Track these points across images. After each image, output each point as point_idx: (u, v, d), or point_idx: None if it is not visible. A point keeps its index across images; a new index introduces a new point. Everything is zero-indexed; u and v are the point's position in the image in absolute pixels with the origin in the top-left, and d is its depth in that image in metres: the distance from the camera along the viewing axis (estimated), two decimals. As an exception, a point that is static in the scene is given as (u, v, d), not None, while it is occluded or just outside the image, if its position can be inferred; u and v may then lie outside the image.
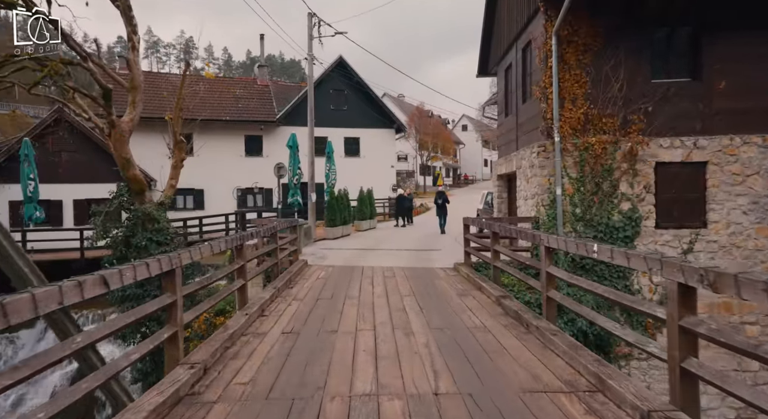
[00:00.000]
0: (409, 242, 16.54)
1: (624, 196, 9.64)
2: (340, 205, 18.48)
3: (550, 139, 9.83)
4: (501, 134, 14.29)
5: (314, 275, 9.86)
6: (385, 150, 29.50)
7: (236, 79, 29.10)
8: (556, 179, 9.62)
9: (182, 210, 25.35)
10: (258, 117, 26.43)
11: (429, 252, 13.80)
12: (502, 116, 14.19)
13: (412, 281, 9.01)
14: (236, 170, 26.21)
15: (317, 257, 12.86)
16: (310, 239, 16.57)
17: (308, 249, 14.71)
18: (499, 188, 14.46)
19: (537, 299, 8.95)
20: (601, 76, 9.68)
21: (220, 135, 26.08)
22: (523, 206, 11.26)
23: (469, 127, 72.26)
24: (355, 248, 14.91)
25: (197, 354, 4.39)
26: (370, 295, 7.75)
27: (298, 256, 11.34)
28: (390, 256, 13.09)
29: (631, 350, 9.24)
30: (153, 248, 12.30)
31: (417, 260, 12.15)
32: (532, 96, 11.05)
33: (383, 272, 10.03)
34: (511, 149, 12.83)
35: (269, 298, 7.18)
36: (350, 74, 28.11)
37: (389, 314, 6.49)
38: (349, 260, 12.41)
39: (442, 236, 18.89)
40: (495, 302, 6.91)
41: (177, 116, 12.83)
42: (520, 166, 11.58)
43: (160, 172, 24.60)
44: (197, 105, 25.95)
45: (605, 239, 9.50)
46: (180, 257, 4.30)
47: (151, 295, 12.17)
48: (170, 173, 13.44)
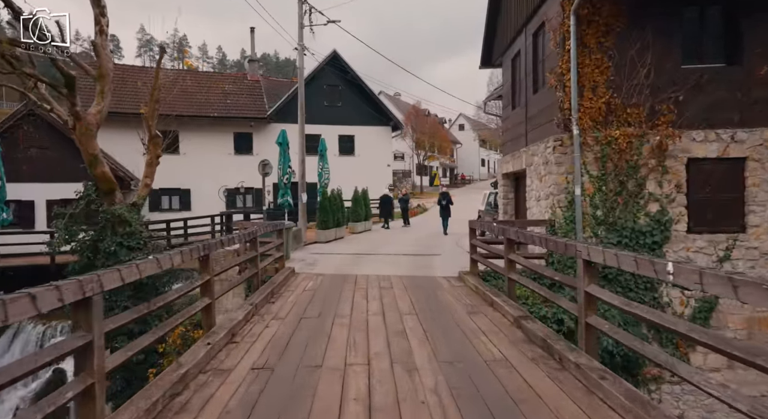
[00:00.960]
0: (407, 246, 15.39)
1: (652, 196, 8.53)
2: (333, 206, 17.31)
3: (568, 132, 8.71)
4: (507, 128, 13.17)
5: (301, 286, 8.69)
6: (381, 148, 28.34)
7: (225, 75, 27.92)
8: (575, 177, 8.50)
9: (168, 211, 24.13)
10: (248, 113, 25.22)
11: (429, 258, 12.66)
12: (508, 110, 13.07)
13: (413, 293, 7.86)
14: (225, 169, 24.97)
15: (307, 264, 11.69)
16: (301, 243, 15.40)
17: (298, 254, 13.54)
18: (504, 188, 13.33)
19: (556, 314, 7.85)
20: (625, 60, 8.57)
21: (208, 132, 24.85)
22: (535, 207, 10.14)
23: (467, 126, 71.29)
24: (349, 253, 13.75)
25: (126, 413, 3.22)
26: (363, 312, 6.59)
27: (284, 263, 10.18)
28: (387, 262, 11.94)
29: (661, 371, 8.13)
30: (123, 254, 11.09)
31: (416, 267, 11.01)
32: (545, 85, 9.93)
33: (379, 283, 8.88)
34: (519, 145, 11.71)
35: (243, 318, 6.01)
36: (345, 69, 26.94)
37: (386, 339, 5.33)
38: (341, 267, 11.25)
39: (442, 239, 17.76)
40: (513, 324, 5.77)
41: (152, 108, 11.61)
42: (530, 163, 10.45)
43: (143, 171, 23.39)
44: (183, 101, 24.76)
45: (630, 245, 8.39)
46: (100, 279, 3.13)
47: (121, 307, 10.99)
48: (144, 171, 12.24)
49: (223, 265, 6.62)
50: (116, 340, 11.01)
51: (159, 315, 11.76)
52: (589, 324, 4.28)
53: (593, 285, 4.33)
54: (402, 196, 24.22)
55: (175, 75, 26.16)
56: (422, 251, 14.19)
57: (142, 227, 11.50)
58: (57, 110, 10.77)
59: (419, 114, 53.59)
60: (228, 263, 6.64)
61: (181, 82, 25.56)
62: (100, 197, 11.16)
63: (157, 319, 11.37)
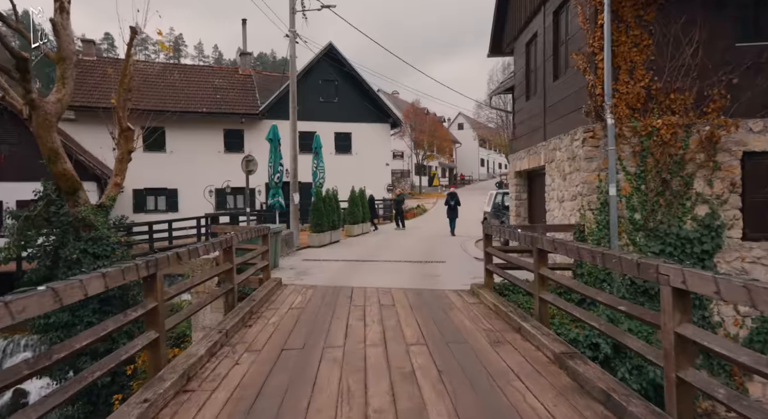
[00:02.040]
0: (407, 251, 14.09)
1: (700, 197, 7.26)
2: (328, 207, 16.00)
3: (600, 121, 7.43)
4: (520, 122, 11.88)
5: (287, 303, 7.38)
6: (380, 147, 27.05)
7: (216, 68, 26.58)
8: (610, 174, 7.22)
9: (153, 212, 22.80)
10: (239, 109, 23.89)
11: (433, 265, 11.35)
12: (521, 101, 11.79)
13: (419, 313, 6.57)
14: (214, 168, 23.66)
15: (297, 273, 10.37)
16: (292, 248, 14.08)
17: (288, 261, 12.22)
18: (517, 188, 12.05)
19: (589, 337, 6.57)
20: (668, 37, 7.30)
21: (197, 129, 23.52)
22: (556, 209, 8.85)
23: (466, 125, 70.05)
24: (345, 260, 12.44)
25: None
26: (360, 342, 5.29)
27: (270, 273, 8.87)
28: (386, 271, 10.64)
29: (713, 405, 6.85)
30: (88, 262, 9.78)
31: (420, 277, 9.71)
32: (568, 69, 8.66)
33: (379, 298, 7.58)
34: (535, 139, 10.43)
35: (207, 351, 4.70)
36: (341, 63, 25.64)
37: (390, 386, 4.03)
38: (335, 277, 9.94)
39: (445, 243, 16.48)
40: (554, 363, 4.47)
41: (121, 96, 10.28)
42: (551, 159, 9.17)
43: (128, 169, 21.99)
44: (170, 95, 23.44)
45: (675, 254, 7.11)
46: None
47: (84, 322, 9.67)
48: (115, 168, 10.92)
49: (184, 285, 5.29)
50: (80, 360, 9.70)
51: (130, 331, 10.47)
52: (682, 380, 2.99)
53: (688, 325, 3.04)
54: (396, 196, 22.85)
55: (162, 68, 24.86)
56: (425, 257, 12.89)
57: (111, 231, 10.16)
58: (11, 98, 9.43)
59: (418, 112, 52.32)
60: (185, 285, 5.28)
61: (168, 76, 24.29)
62: (61, 197, 9.83)
63: (126, 336, 10.07)
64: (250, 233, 8.00)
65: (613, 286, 7.12)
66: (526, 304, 7.65)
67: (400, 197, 22.49)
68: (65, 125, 21.63)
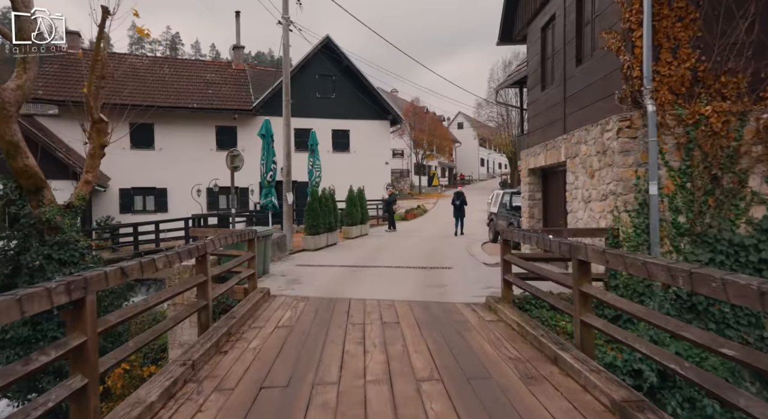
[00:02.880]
0: (409, 255, 13.04)
1: (756, 196, 6.23)
2: (325, 207, 14.95)
3: (638, 109, 6.39)
4: (534, 115, 10.85)
5: (274, 320, 6.32)
6: (379, 145, 26.00)
7: (208, 62, 25.46)
8: (650, 170, 6.19)
9: (141, 213, 21.71)
10: (231, 105, 22.81)
11: (439, 272, 10.31)
12: (535, 92, 10.75)
13: (429, 334, 5.52)
14: (206, 166, 22.56)
15: (288, 281, 9.31)
16: (285, 252, 13.02)
17: (280, 266, 11.16)
18: (530, 186, 11.01)
19: (628, 362, 5.54)
20: (718, 10, 6.27)
21: (187, 125, 22.44)
22: (581, 211, 7.81)
23: (466, 125, 69.10)
24: (342, 265, 11.39)
25: None
26: (359, 377, 4.24)
27: (256, 283, 7.81)
28: (388, 278, 9.59)
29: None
30: (52, 270, 8.70)
31: (426, 287, 8.66)
32: (595, 51, 7.63)
33: (381, 313, 6.53)
34: (553, 133, 9.39)
35: (162, 394, 3.65)
36: (339, 57, 24.58)
37: (400, 451, 2.99)
38: (331, 285, 8.89)
39: (448, 245, 15.46)
40: (612, 413, 3.42)
41: (91, 83, 9.21)
42: (574, 154, 8.13)
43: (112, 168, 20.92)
44: (159, 90, 22.36)
45: (727, 264, 6.07)
46: None
47: (49, 337, 8.60)
48: (86, 164, 9.83)
49: (131, 310, 4.21)
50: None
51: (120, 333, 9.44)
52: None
53: None
54: (388, 197, 21.44)
55: (152, 62, 23.80)
56: (429, 262, 11.84)
57: (80, 234, 9.09)
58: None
59: (417, 111, 51.28)
60: (132, 309, 4.16)
61: (157, 70, 23.22)
62: (23, 197, 8.76)
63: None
64: (233, 239, 6.94)
65: (654, 300, 6.08)
66: (551, 321, 6.62)
67: (392, 197, 21.17)
68: (48, 120, 20.56)
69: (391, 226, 20.43)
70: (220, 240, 6.30)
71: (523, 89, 17.58)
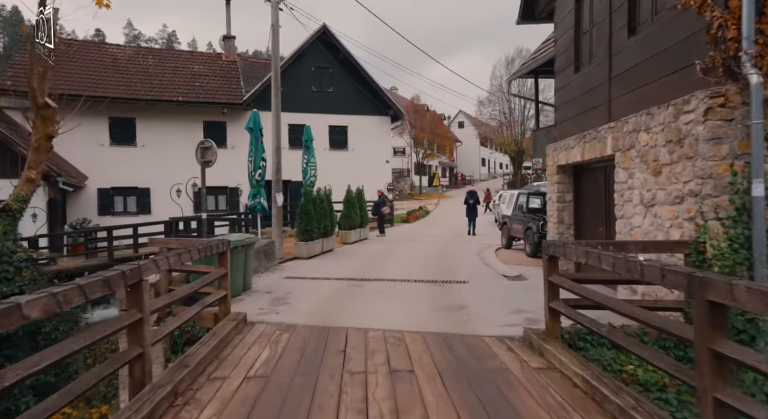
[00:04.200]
0: (416, 264, 11.41)
1: None
2: (319, 209, 13.32)
3: (734, 82, 4.77)
4: (564, 102, 9.22)
5: (242, 367, 4.66)
6: (379, 142, 24.37)
7: (195, 53, 23.80)
8: (753, 163, 4.57)
9: (122, 215, 20.04)
10: (220, 99, 21.15)
11: (454, 288, 8.68)
12: (566, 75, 9.13)
13: (458, 393, 3.89)
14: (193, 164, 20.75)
15: (272, 301, 7.67)
16: (274, 261, 11.38)
17: (265, 279, 9.52)
18: (559, 186, 9.39)
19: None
20: None
21: (172, 121, 20.77)
22: (639, 216, 6.18)
23: (467, 124, 67.51)
24: (339, 278, 9.75)
25: None
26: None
27: (229, 307, 6.18)
28: (394, 296, 7.95)
29: None
30: (-22, 289, 6.99)
31: (442, 309, 7.02)
32: (657, 15, 6.02)
33: (388, 357, 4.89)
34: (593, 122, 7.78)
35: None
36: (336, 48, 22.95)
37: None
38: (324, 307, 7.24)
39: (460, 251, 13.87)
40: None
41: (33, 61, 7.55)
42: (628, 145, 6.51)
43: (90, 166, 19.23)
44: (142, 82, 20.66)
45: None
46: None
47: None
48: (28, 159, 8.15)
49: None
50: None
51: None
52: None
53: None
54: (378, 198, 19.14)
55: (134, 53, 22.14)
56: (440, 273, 10.22)
57: (17, 244, 7.43)
58: None
59: (418, 109, 49.65)
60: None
61: (140, 61, 21.58)
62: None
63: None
64: (195, 253, 5.30)
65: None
66: (615, 364, 4.98)
67: (380, 198, 19.05)
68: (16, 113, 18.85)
69: (381, 230, 18.67)
70: (173, 258, 4.67)
71: (538, 79, 15.99)
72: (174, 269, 6.42)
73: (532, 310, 6.69)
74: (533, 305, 7.01)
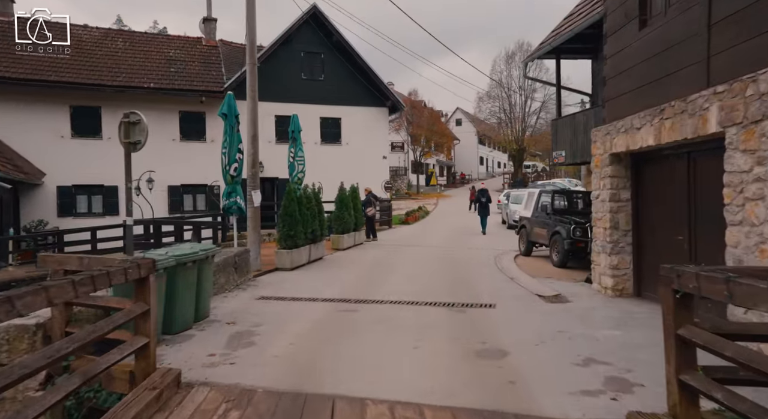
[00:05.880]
0: (423, 278, 9.27)
1: None
2: (305, 211, 11.15)
3: None
4: (623, 70, 7.07)
5: None
6: (376, 135, 22.18)
7: (172, 37, 21.47)
8: None
9: (86, 216, 17.77)
10: (198, 86, 18.90)
11: (479, 315, 6.53)
12: (624, 34, 6.99)
13: None
14: (168, 160, 18.66)
15: (231, 340, 5.45)
16: (248, 274, 9.20)
17: (231, 302, 7.32)
18: (612, 181, 7.27)
19: None
20: None
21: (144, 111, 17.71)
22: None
23: (465, 121, 65.49)
24: (327, 299, 7.57)
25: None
26: None
27: (153, 361, 4.01)
28: (401, 331, 5.75)
29: None
30: None
31: (470, 357, 4.85)
32: None
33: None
34: (673, 92, 5.66)
35: None
36: (328, 31, 20.76)
37: None
38: (303, 354, 5.04)
39: (472, 258, 11.77)
40: None
41: None
42: (750, 117, 4.37)
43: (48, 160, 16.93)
44: (108, 67, 18.36)
45: None
46: None
47: None
48: None
49: None
50: None
51: None
52: None
53: None
54: (365, 196, 16.73)
55: (102, 35, 19.85)
56: (456, 291, 8.08)
57: None
58: None
59: (415, 105, 47.48)
60: None
61: (109, 45, 19.29)
62: None
63: None
64: (90, 285, 3.11)
65: None
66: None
67: (367, 197, 16.52)
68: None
69: (370, 234, 16.32)
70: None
71: (560, 60, 13.88)
72: (72, 302, 4.26)
73: (610, 360, 4.54)
74: (605, 349, 4.88)
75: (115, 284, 3.63)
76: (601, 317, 6.27)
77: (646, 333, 5.40)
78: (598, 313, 6.48)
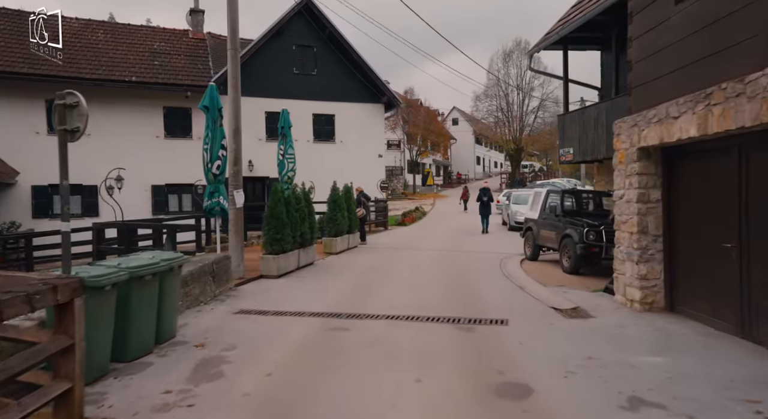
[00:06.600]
0: (423, 287, 8.34)
1: None
2: (294, 212, 10.21)
3: None
4: (656, 50, 6.16)
5: None
6: (371, 133, 21.23)
7: (158, 29, 20.43)
8: None
9: (63, 217, 16.59)
10: (183, 80, 17.89)
11: (490, 335, 5.60)
12: (656, 9, 6.10)
13: None
14: (151, 158, 17.68)
15: (195, 370, 4.48)
16: (228, 283, 8.23)
17: (205, 318, 6.36)
18: (640, 179, 6.37)
19: None
20: None
21: (126, 106, 17.46)
22: None
23: (461, 120, 64.67)
24: (315, 313, 6.62)
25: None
26: None
27: (78, 409, 3.06)
28: (400, 359, 4.78)
29: None
30: None
31: (486, 393, 3.92)
32: None
33: None
34: (723, 72, 4.75)
35: None
36: (322, 24, 19.80)
37: None
38: (281, 391, 4.08)
39: (475, 262, 10.88)
40: None
41: None
42: None
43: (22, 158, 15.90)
44: (88, 59, 17.34)
45: None
46: None
47: None
48: None
49: None
50: None
51: None
52: None
53: None
54: (356, 195, 15.51)
55: (83, 26, 18.81)
56: (462, 303, 7.16)
57: None
58: None
59: (411, 103, 46.54)
60: None
61: (89, 36, 18.26)
62: None
63: None
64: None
65: None
66: None
67: (358, 197, 15.54)
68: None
69: (361, 237, 15.28)
70: None
71: (568, 51, 12.99)
72: None
73: (662, 401, 3.62)
74: (650, 383, 3.97)
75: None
76: (633, 337, 5.36)
77: (695, 361, 4.50)
78: (629, 332, 5.57)
